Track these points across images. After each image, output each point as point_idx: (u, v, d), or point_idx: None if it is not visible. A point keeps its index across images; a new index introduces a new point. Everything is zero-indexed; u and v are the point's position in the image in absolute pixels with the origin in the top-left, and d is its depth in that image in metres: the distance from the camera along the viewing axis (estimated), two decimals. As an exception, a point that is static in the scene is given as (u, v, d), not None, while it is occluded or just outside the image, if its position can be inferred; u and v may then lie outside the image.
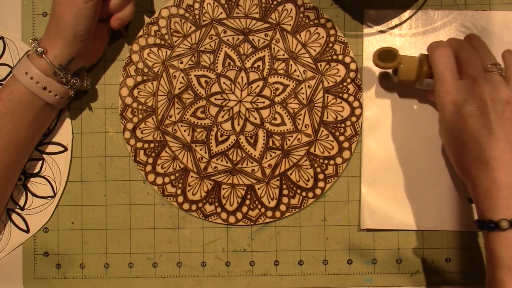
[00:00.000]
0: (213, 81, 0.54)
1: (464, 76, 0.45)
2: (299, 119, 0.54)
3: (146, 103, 0.54)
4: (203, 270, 0.54)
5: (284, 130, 0.54)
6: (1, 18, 0.55)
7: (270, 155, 0.54)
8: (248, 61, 0.54)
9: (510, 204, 0.41)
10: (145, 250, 0.54)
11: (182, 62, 0.54)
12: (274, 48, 0.54)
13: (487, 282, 0.43)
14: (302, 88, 0.54)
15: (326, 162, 0.54)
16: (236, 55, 0.54)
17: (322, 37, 0.54)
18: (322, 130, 0.54)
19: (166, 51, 0.54)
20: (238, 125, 0.54)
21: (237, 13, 0.54)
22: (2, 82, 0.55)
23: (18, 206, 0.55)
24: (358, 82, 0.54)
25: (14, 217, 0.55)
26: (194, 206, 0.54)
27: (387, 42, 0.54)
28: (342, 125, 0.54)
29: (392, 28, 0.54)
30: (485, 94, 0.43)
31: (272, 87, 0.54)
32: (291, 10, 0.54)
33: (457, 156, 0.45)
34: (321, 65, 0.54)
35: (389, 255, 0.54)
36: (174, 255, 0.54)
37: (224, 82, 0.54)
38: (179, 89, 0.54)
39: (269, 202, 0.54)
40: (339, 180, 0.54)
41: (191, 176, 0.54)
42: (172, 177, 0.54)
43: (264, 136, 0.54)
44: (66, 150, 0.54)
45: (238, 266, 0.54)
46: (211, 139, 0.54)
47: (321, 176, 0.54)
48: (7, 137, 0.49)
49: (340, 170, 0.54)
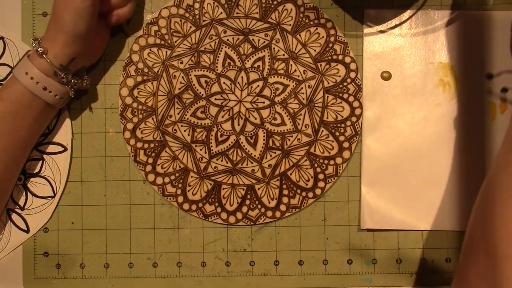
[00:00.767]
0: (213, 81, 0.54)
1: None
2: (299, 119, 0.54)
3: (146, 103, 0.54)
4: (203, 270, 0.54)
5: (284, 130, 0.54)
6: (1, 18, 0.55)
7: (270, 155, 0.54)
8: (248, 61, 0.54)
9: None
10: (145, 250, 0.54)
11: (182, 62, 0.54)
12: (274, 48, 0.54)
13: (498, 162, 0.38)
14: (302, 88, 0.54)
15: (326, 162, 0.54)
16: (236, 55, 0.54)
17: (322, 37, 0.54)
18: (322, 130, 0.54)
19: (166, 51, 0.54)
20: (238, 125, 0.54)
21: (237, 13, 0.54)
22: (2, 82, 0.55)
23: (18, 206, 0.55)
24: (358, 82, 0.54)
25: (14, 217, 0.55)
26: (194, 206, 0.54)
27: (387, 42, 0.54)
28: (342, 125, 0.54)
29: (392, 28, 0.54)
30: None
31: (272, 87, 0.54)
32: (291, 10, 0.54)
33: None
34: (321, 65, 0.54)
35: (389, 255, 0.54)
36: (174, 255, 0.54)
37: (224, 82, 0.54)
38: (179, 89, 0.54)
39: (269, 202, 0.54)
40: (339, 180, 0.54)
41: (191, 176, 0.54)
42: (172, 177, 0.54)
43: (264, 136, 0.54)
44: (66, 150, 0.54)
45: (238, 266, 0.54)
46: (211, 139, 0.54)
47: (321, 176, 0.54)
48: (7, 137, 0.49)
49: (340, 170, 0.54)
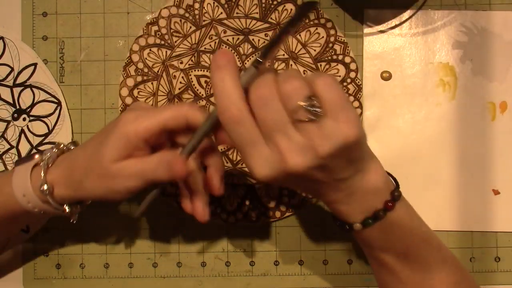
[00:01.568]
0: (213, 81, 0.54)
1: None
2: (299, 119, 0.54)
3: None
4: (203, 270, 0.54)
5: (284, 130, 0.54)
6: (1, 18, 0.55)
7: (270, 155, 0.54)
8: (248, 61, 0.54)
9: None
10: (145, 250, 0.54)
11: (182, 62, 0.54)
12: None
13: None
14: (302, 88, 0.54)
15: (326, 162, 0.54)
16: (236, 55, 0.54)
17: (322, 37, 0.54)
18: (322, 130, 0.54)
19: (166, 51, 0.54)
20: (238, 125, 0.54)
21: (237, 13, 0.54)
22: (2, 83, 0.55)
23: (18, 206, 0.54)
24: (358, 82, 0.54)
25: (14, 217, 0.55)
26: (194, 206, 0.54)
27: (387, 42, 0.54)
28: (342, 125, 0.54)
29: (392, 28, 0.54)
30: None
31: (272, 87, 0.54)
32: (291, 10, 0.54)
33: None
34: (321, 65, 0.54)
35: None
36: (174, 255, 0.54)
37: (224, 82, 0.54)
38: (179, 89, 0.54)
39: (269, 202, 0.54)
40: (339, 180, 0.54)
41: (191, 176, 0.54)
42: (172, 177, 0.54)
43: (264, 136, 0.54)
44: (66, 150, 0.54)
45: (238, 266, 0.54)
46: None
47: (321, 176, 0.54)
48: None
49: (340, 170, 0.54)
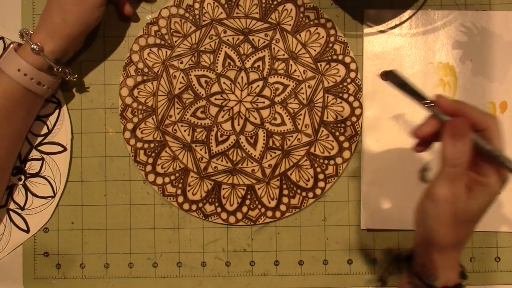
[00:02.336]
0: (213, 81, 0.54)
1: None
2: (299, 119, 0.54)
3: (146, 103, 0.54)
4: (203, 270, 0.54)
5: (284, 130, 0.54)
6: (1, 18, 0.55)
7: (270, 155, 0.54)
8: (248, 61, 0.54)
9: None
10: (145, 250, 0.54)
11: (182, 62, 0.54)
12: (274, 48, 0.54)
13: None
14: (302, 88, 0.54)
15: (326, 162, 0.54)
16: (236, 55, 0.54)
17: (322, 37, 0.54)
18: (322, 130, 0.54)
19: (166, 51, 0.54)
20: (238, 125, 0.54)
21: (237, 13, 0.54)
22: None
23: (18, 206, 0.55)
24: (358, 82, 0.54)
25: (14, 217, 0.55)
26: (194, 206, 0.54)
27: (387, 42, 0.54)
28: (342, 125, 0.54)
29: (392, 28, 0.54)
30: None
31: (272, 87, 0.54)
32: (291, 10, 0.54)
33: None
34: (321, 65, 0.54)
35: (389, 255, 0.54)
36: (174, 255, 0.54)
37: (224, 82, 0.54)
38: (179, 89, 0.54)
39: (269, 202, 0.54)
40: (339, 180, 0.54)
41: (191, 176, 0.54)
42: (172, 177, 0.54)
43: (264, 136, 0.54)
44: (65, 150, 0.54)
45: (238, 266, 0.54)
46: (211, 139, 0.54)
47: (321, 176, 0.54)
48: (1, 132, 0.49)
49: (340, 170, 0.54)
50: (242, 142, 0.54)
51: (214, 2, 0.54)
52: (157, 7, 0.55)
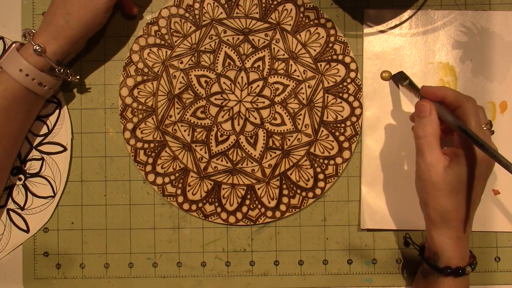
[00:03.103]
0: (213, 81, 0.54)
1: None
2: (299, 119, 0.54)
3: (146, 103, 0.54)
4: (203, 270, 0.54)
5: (284, 130, 0.54)
6: (1, 18, 0.55)
7: (270, 155, 0.54)
8: (248, 61, 0.54)
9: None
10: (145, 250, 0.54)
11: (182, 62, 0.54)
12: (274, 48, 0.54)
13: None
14: (302, 88, 0.54)
15: (326, 162, 0.54)
16: (236, 55, 0.54)
17: (322, 37, 0.54)
18: (322, 130, 0.54)
19: (166, 51, 0.54)
20: (238, 125, 0.54)
21: (237, 13, 0.54)
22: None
23: (18, 206, 0.55)
24: (358, 82, 0.54)
25: (14, 217, 0.55)
26: (194, 206, 0.54)
27: (387, 42, 0.54)
28: (342, 125, 0.54)
29: (392, 28, 0.54)
30: None
31: (272, 87, 0.54)
32: (291, 10, 0.54)
33: None
34: (321, 65, 0.54)
35: (389, 255, 0.54)
36: (174, 255, 0.54)
37: (224, 82, 0.54)
38: (179, 89, 0.54)
39: (269, 202, 0.54)
40: (339, 180, 0.54)
41: (191, 176, 0.54)
42: (172, 177, 0.54)
43: (264, 136, 0.54)
44: (65, 150, 0.54)
45: (238, 266, 0.54)
46: (211, 139, 0.54)
47: (321, 176, 0.54)
48: (1, 131, 0.49)
49: (340, 170, 0.54)
50: (242, 142, 0.54)
51: (214, 2, 0.54)
52: (157, 7, 0.55)
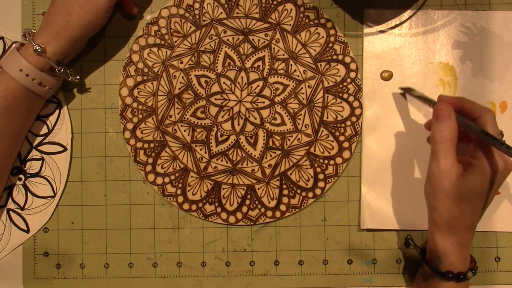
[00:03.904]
0: (213, 81, 0.54)
1: None
2: (299, 119, 0.54)
3: (146, 103, 0.54)
4: (203, 270, 0.54)
5: (284, 130, 0.54)
6: (1, 18, 0.55)
7: (270, 155, 0.54)
8: (248, 61, 0.54)
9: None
10: (145, 250, 0.54)
11: (182, 62, 0.54)
12: (274, 48, 0.54)
13: None
14: (302, 88, 0.54)
15: (326, 162, 0.54)
16: (236, 55, 0.54)
17: (322, 37, 0.54)
18: (322, 130, 0.54)
19: (166, 51, 0.54)
20: (238, 125, 0.54)
21: (237, 13, 0.54)
22: None
23: (18, 206, 0.55)
24: (358, 82, 0.54)
25: (14, 217, 0.55)
26: (194, 206, 0.54)
27: (387, 42, 0.54)
28: (342, 125, 0.54)
29: (392, 28, 0.54)
30: None
31: (272, 87, 0.54)
32: (291, 10, 0.54)
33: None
34: (321, 65, 0.54)
35: (389, 255, 0.54)
36: (174, 255, 0.54)
37: (224, 82, 0.54)
38: (179, 89, 0.54)
39: (269, 202, 0.54)
40: (339, 180, 0.54)
41: (191, 176, 0.54)
42: (172, 177, 0.54)
43: (264, 136, 0.54)
44: (66, 150, 0.54)
45: (238, 266, 0.54)
46: (211, 139, 0.54)
47: (321, 176, 0.54)
48: (1, 131, 0.49)
49: (340, 170, 0.54)
50: (242, 142, 0.54)
51: (214, 2, 0.54)
52: (157, 7, 0.55)
